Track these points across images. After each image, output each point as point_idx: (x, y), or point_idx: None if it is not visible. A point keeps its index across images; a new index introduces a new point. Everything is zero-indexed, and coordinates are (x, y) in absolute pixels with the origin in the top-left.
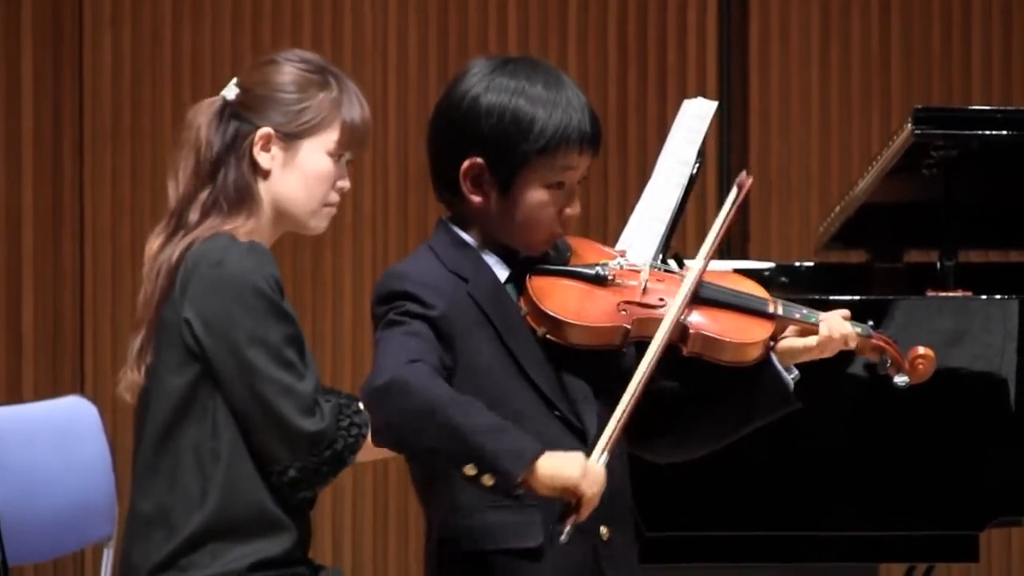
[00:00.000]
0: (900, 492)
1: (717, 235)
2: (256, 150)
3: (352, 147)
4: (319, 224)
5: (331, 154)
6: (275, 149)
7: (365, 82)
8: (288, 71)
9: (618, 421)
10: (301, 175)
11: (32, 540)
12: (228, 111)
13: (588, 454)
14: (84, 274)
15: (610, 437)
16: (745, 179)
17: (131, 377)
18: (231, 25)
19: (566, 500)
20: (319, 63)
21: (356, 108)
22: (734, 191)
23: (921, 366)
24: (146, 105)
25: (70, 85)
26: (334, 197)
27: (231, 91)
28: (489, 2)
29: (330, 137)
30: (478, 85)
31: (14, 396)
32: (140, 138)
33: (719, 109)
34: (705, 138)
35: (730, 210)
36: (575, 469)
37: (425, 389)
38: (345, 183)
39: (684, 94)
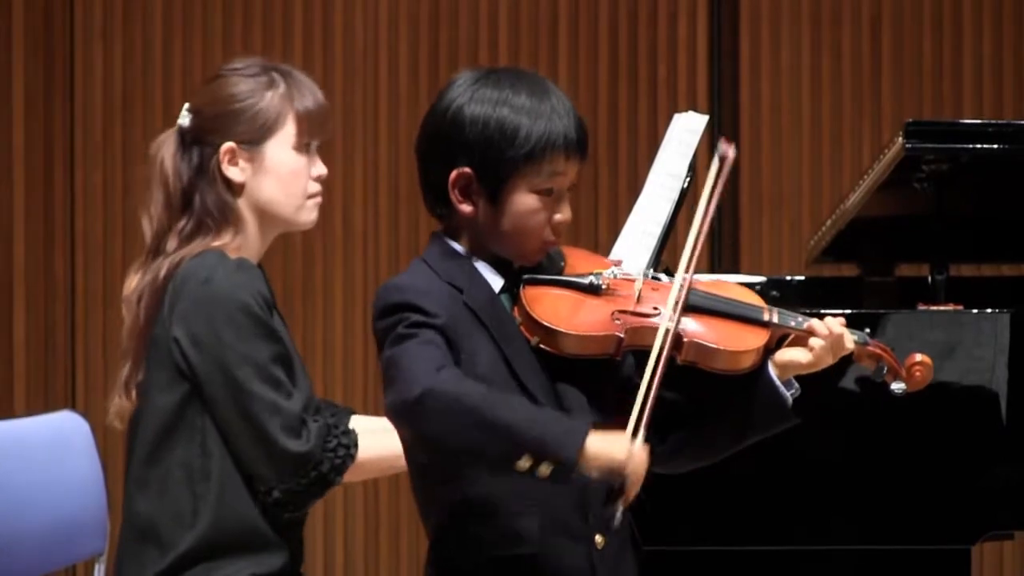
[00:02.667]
0: (892, 506)
1: (705, 213)
2: (224, 167)
3: (315, 134)
4: (308, 217)
5: (296, 148)
6: (242, 161)
7: (356, 98)
8: (232, 82)
9: (643, 403)
10: (274, 176)
11: (23, 556)
12: (187, 138)
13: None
14: (75, 289)
15: (639, 419)
16: (727, 148)
17: (120, 404)
18: (221, 41)
19: (611, 482)
20: (261, 64)
21: (307, 96)
22: (715, 164)
23: (918, 373)
24: (137, 120)
25: (61, 100)
26: (314, 187)
27: (184, 118)
28: (480, 17)
29: (289, 132)
30: (462, 96)
31: (5, 411)
32: (131, 153)
33: (710, 122)
34: (696, 152)
35: (715, 184)
36: (621, 451)
37: (461, 392)
38: (321, 170)
39: (675, 107)
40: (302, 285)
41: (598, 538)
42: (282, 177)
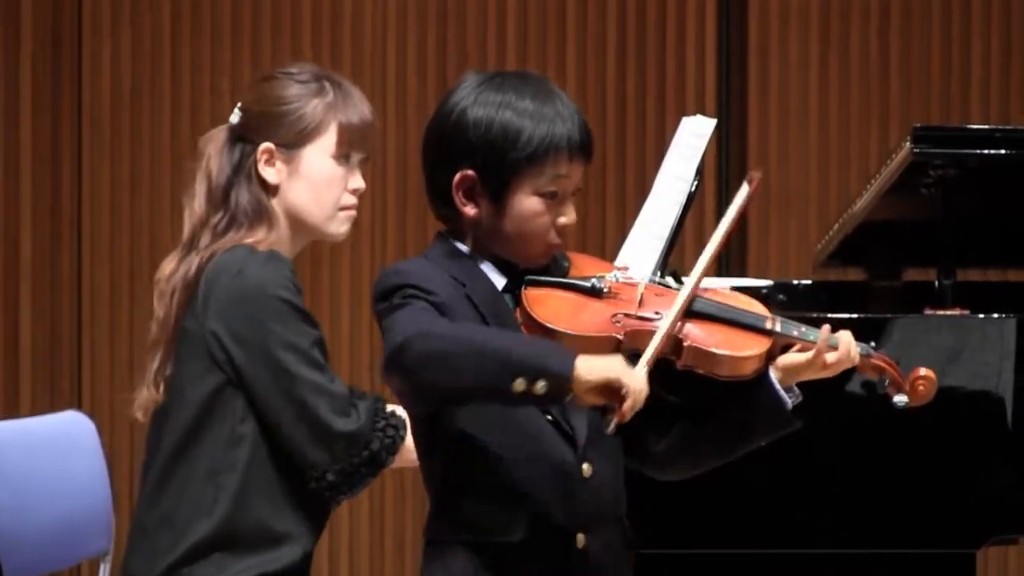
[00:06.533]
0: (896, 510)
1: (726, 229)
2: (261, 166)
3: (355, 147)
4: (338, 229)
5: (334, 157)
6: (279, 163)
7: (364, 94)
8: (282, 84)
9: (662, 333)
10: (308, 182)
11: (29, 554)
12: (234, 135)
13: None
14: (82, 287)
15: (652, 351)
16: (755, 175)
17: (147, 395)
18: (230, 37)
19: (609, 401)
20: (314, 71)
21: (353, 109)
22: (744, 187)
23: (922, 387)
24: (145, 117)
25: (68, 96)
26: (348, 199)
27: (235, 116)
28: (488, 13)
29: (328, 140)
30: (466, 99)
31: (11, 410)
32: (138, 150)
33: (718, 122)
34: (704, 155)
35: (740, 207)
36: (616, 364)
37: (443, 330)
38: (358, 184)
39: (683, 107)
40: (310, 283)
41: (580, 536)
42: (315, 183)
